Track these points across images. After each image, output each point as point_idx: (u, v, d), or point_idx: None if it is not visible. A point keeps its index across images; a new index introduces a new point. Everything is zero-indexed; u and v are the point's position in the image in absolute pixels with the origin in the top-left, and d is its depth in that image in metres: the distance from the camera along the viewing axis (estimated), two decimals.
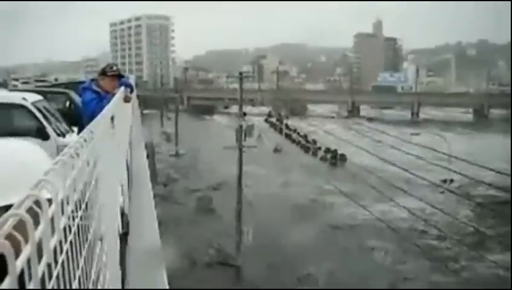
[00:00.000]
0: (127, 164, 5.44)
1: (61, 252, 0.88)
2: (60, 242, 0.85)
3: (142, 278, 3.50)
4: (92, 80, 5.71)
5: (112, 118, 2.82)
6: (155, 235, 4.47)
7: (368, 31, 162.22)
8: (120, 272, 2.70)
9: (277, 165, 42.55)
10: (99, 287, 1.55)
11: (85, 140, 1.25)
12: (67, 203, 0.92)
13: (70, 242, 0.98)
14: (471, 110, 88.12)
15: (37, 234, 0.70)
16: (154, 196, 5.77)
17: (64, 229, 0.92)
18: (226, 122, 63.70)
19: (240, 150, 27.98)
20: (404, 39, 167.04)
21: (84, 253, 1.24)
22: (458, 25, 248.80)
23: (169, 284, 3.54)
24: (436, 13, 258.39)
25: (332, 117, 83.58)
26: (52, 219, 0.77)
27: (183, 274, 20.44)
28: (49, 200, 0.81)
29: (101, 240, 1.69)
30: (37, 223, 0.73)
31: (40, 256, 0.72)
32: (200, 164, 43.13)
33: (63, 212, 0.88)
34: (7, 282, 0.62)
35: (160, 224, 4.80)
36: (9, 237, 0.65)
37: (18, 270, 0.64)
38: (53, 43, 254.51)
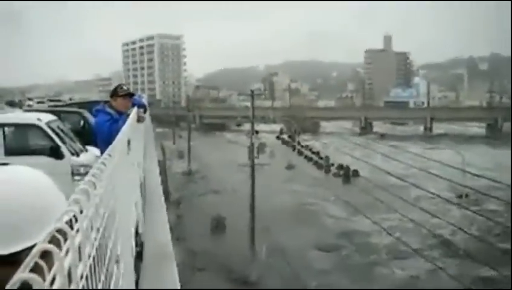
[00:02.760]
0: (141, 183, 5.47)
1: (82, 278, 0.89)
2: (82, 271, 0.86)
3: None
4: (105, 102, 5.77)
5: (128, 142, 2.84)
6: (169, 253, 4.47)
7: (378, 46, 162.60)
8: None
9: (290, 182, 42.46)
10: None
11: (104, 165, 1.26)
12: (90, 230, 0.93)
13: (90, 267, 0.99)
14: (484, 124, 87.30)
15: (65, 266, 0.73)
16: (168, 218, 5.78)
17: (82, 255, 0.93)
18: (238, 140, 63.85)
19: (253, 167, 27.98)
20: (415, 54, 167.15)
21: (102, 277, 1.25)
22: (470, 39, 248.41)
23: None
24: (447, 27, 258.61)
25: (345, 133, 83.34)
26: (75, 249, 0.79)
27: None
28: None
29: (117, 262, 1.70)
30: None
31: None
32: (212, 182, 43.12)
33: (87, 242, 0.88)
34: None
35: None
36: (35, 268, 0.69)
37: None
38: (66, 62, 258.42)
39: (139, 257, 3.53)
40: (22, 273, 0.66)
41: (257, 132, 31.05)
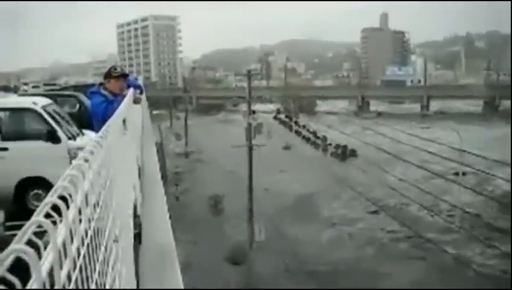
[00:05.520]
0: (139, 165, 5.46)
1: (79, 256, 0.89)
2: (78, 246, 0.86)
3: (156, 279, 3.52)
4: (100, 84, 5.73)
5: (124, 121, 2.83)
6: (168, 235, 4.48)
7: (374, 24, 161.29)
8: (134, 272, 2.72)
9: (287, 164, 42.57)
10: (115, 288, 1.56)
11: (99, 144, 1.25)
12: (85, 207, 0.93)
13: (88, 245, 0.99)
14: (481, 102, 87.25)
15: (59, 240, 0.71)
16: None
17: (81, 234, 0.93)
18: (235, 120, 63.77)
19: (250, 148, 27.94)
20: (412, 32, 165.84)
21: (100, 256, 1.25)
22: (467, 16, 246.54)
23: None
24: (444, 5, 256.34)
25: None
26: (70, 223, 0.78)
27: None
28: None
29: (116, 241, 1.71)
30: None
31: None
32: (209, 163, 43.21)
33: (80, 220, 0.85)
34: (33, 285, 0.63)
35: None
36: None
37: (44, 276, 0.64)
38: (61, 46, 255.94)
39: (137, 238, 3.54)
40: (16, 245, 0.63)
41: (254, 112, 30.91)
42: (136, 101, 6.20)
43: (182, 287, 3.49)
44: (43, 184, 8.05)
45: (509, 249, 24.27)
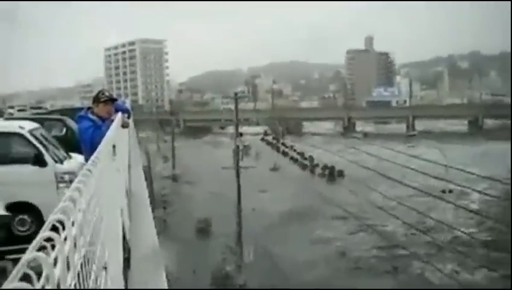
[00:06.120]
0: (127, 189, 5.43)
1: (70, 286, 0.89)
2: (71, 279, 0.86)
3: None
4: (88, 108, 5.70)
5: (114, 147, 2.82)
6: (157, 259, 4.44)
7: (359, 46, 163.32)
8: None
9: (275, 185, 42.55)
10: None
11: (90, 171, 1.26)
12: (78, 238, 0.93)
13: (78, 274, 0.99)
14: (466, 121, 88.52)
15: (56, 274, 0.72)
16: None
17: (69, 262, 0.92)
18: (222, 142, 63.83)
19: (238, 171, 27.92)
20: (396, 53, 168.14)
21: (90, 283, 1.24)
22: (449, 38, 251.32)
23: None
24: (427, 26, 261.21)
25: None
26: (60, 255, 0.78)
27: None
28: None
29: (105, 268, 1.70)
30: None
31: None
32: (198, 187, 43.00)
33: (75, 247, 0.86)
34: None
35: None
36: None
37: None
38: (47, 70, 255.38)
39: (126, 263, 3.51)
40: (12, 284, 0.65)
41: (241, 134, 30.99)
42: (124, 125, 6.19)
43: None
44: (29, 209, 7.94)
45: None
